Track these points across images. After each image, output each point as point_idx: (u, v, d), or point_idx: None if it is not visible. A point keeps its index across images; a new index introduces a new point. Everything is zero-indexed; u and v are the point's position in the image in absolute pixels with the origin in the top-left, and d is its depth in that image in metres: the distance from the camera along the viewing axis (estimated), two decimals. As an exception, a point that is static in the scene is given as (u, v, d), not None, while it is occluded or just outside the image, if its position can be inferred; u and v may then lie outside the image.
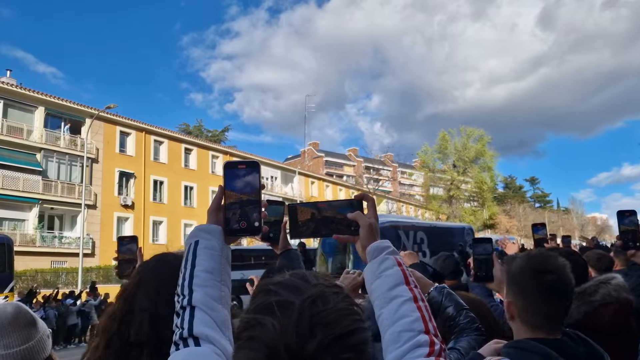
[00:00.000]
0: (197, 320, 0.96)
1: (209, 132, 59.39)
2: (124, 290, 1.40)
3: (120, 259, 2.16)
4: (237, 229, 1.11)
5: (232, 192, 1.12)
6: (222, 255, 1.08)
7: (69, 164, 31.01)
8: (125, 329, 1.31)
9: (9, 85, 28.93)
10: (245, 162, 1.14)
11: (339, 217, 1.23)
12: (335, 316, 0.77)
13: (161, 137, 37.08)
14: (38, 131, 29.81)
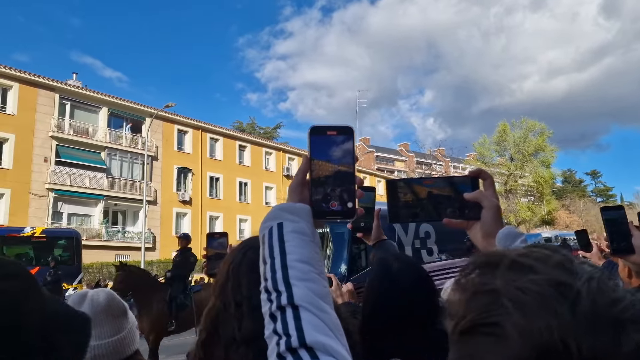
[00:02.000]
0: (306, 325, 0.74)
1: (262, 129, 60.22)
2: (216, 285, 1.30)
3: (211, 254, 2.04)
4: (326, 210, 0.89)
5: (320, 164, 0.89)
6: (315, 242, 0.87)
7: (131, 161, 32.26)
8: (227, 326, 1.22)
9: (75, 88, 30.42)
10: (336, 126, 0.90)
11: (451, 196, 1.03)
12: None
13: (216, 135, 37.94)
14: (102, 131, 31.20)
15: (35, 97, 28.11)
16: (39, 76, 28.49)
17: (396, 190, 1.04)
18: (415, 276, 1.55)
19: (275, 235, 0.85)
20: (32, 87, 28.07)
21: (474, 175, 1.04)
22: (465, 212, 1.02)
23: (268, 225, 0.88)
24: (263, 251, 0.86)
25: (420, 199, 1.04)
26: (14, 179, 26.37)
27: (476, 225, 1.02)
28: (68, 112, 29.72)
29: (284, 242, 0.84)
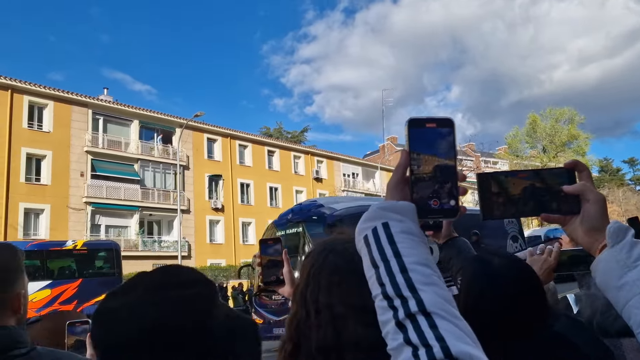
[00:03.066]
0: (446, 334, 0.67)
1: (289, 133, 60.50)
2: (296, 291, 1.23)
3: (265, 262, 1.92)
4: (428, 208, 0.82)
5: (420, 159, 0.83)
6: (425, 243, 0.81)
7: (163, 172, 32.82)
8: (308, 335, 1.14)
9: (107, 102, 31.16)
10: (435, 118, 0.85)
11: (548, 189, 0.95)
12: None
13: (245, 142, 38.29)
14: (134, 143, 31.84)
15: (69, 114, 28.90)
16: (72, 93, 29.29)
17: (489, 184, 0.96)
18: (522, 273, 1.35)
19: (383, 236, 0.79)
20: (66, 104, 28.87)
21: (571, 167, 0.96)
22: (562, 206, 0.94)
23: (370, 226, 0.82)
24: (370, 253, 0.79)
25: (515, 193, 0.95)
26: (53, 194, 27.14)
27: (574, 220, 0.94)
28: (101, 126, 30.45)
29: (395, 244, 0.78)
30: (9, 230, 25.18)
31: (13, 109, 26.57)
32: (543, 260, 1.73)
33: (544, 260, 1.72)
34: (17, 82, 26.95)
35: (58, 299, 16.57)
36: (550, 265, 1.71)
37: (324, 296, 1.11)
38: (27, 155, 26.75)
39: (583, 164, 0.98)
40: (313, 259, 1.20)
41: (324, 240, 1.26)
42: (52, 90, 28.36)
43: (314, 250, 1.24)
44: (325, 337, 1.07)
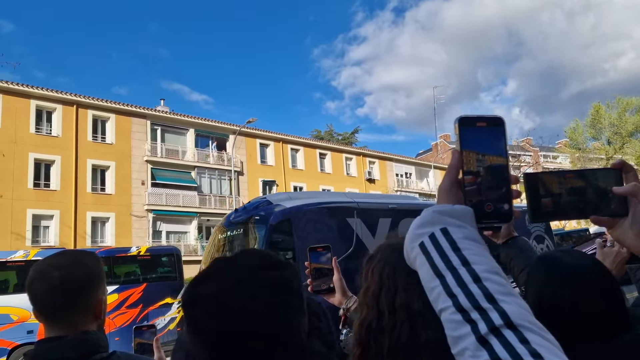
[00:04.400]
0: (540, 349, 0.61)
1: (339, 135, 60.56)
2: (367, 293, 1.21)
3: (314, 270, 1.88)
4: (482, 212, 0.78)
5: (472, 160, 0.79)
6: (487, 249, 0.75)
7: (219, 178, 33.67)
8: (379, 338, 1.13)
9: (164, 113, 32.36)
10: (486, 117, 0.81)
11: (597, 190, 0.90)
12: None
13: (297, 145, 38.67)
14: (190, 151, 32.87)
15: (129, 126, 30.22)
16: (131, 105, 30.61)
17: (537, 185, 0.91)
18: (596, 270, 1.24)
19: (444, 243, 0.74)
20: (126, 117, 30.21)
21: (618, 167, 0.91)
22: (611, 208, 0.89)
23: (426, 232, 0.77)
24: (432, 262, 0.74)
25: (563, 194, 0.91)
26: (117, 202, 28.43)
27: (622, 222, 0.89)
28: (159, 136, 31.65)
29: (459, 251, 0.72)
30: (78, 239, 26.58)
31: (79, 123, 28.08)
32: (616, 252, 1.62)
33: (617, 252, 1.61)
34: (81, 98, 28.46)
35: (125, 302, 17.27)
36: (624, 257, 1.60)
37: (401, 296, 1.09)
38: (92, 167, 28.19)
39: (630, 165, 0.93)
40: (384, 260, 1.18)
41: (388, 242, 1.24)
42: (113, 103, 29.77)
43: (381, 251, 1.22)
44: (401, 336, 1.05)
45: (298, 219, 8.73)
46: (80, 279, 1.33)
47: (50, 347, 1.27)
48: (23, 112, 26.32)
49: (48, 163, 26.86)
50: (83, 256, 1.39)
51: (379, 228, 9.48)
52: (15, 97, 26.18)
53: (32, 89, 26.92)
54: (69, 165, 27.19)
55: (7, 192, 24.83)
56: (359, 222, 9.29)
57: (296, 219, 8.72)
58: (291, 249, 8.71)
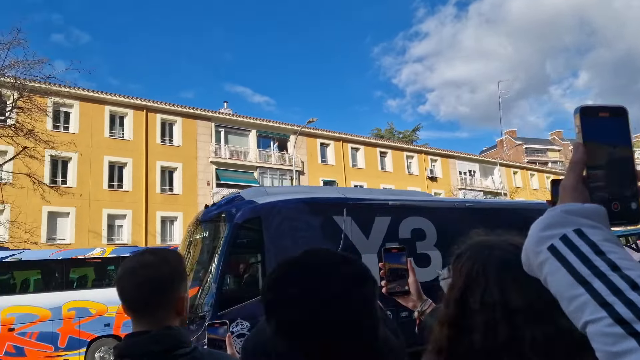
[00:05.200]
0: None
1: (400, 133, 59.87)
2: (451, 291, 1.17)
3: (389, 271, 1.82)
4: (610, 212, 0.71)
5: (596, 154, 0.73)
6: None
7: (280, 178, 34.21)
8: (462, 339, 1.09)
9: (227, 115, 33.30)
10: (608, 106, 0.75)
11: None
12: None
13: (357, 144, 38.60)
14: (253, 152, 33.61)
15: (195, 128, 31.32)
16: (196, 109, 31.71)
17: None
18: None
19: (583, 246, 0.67)
20: (192, 120, 31.33)
21: None
22: None
23: (556, 234, 0.70)
24: (570, 267, 0.67)
25: None
26: (184, 202, 29.53)
27: None
28: (223, 138, 32.59)
29: (604, 254, 0.65)
30: (149, 237, 27.86)
31: (148, 127, 29.44)
32: None
33: None
34: (150, 102, 29.82)
35: (193, 299, 17.97)
36: None
37: (494, 293, 1.04)
38: (161, 168, 29.45)
39: None
40: (473, 258, 1.14)
41: (477, 240, 1.20)
42: (179, 107, 30.97)
43: (469, 249, 1.18)
44: (498, 335, 1.01)
45: (270, 216, 7.84)
46: (164, 277, 1.39)
47: (137, 341, 1.35)
48: (98, 118, 27.91)
49: (121, 165, 28.33)
50: (167, 255, 1.46)
51: (375, 227, 8.51)
52: (91, 103, 27.79)
53: (105, 96, 28.48)
54: (139, 167, 28.55)
55: (85, 192, 26.41)
56: (349, 221, 8.32)
57: (268, 216, 7.84)
58: (259, 249, 7.76)
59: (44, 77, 16.72)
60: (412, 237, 8.69)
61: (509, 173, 47.98)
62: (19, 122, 16.94)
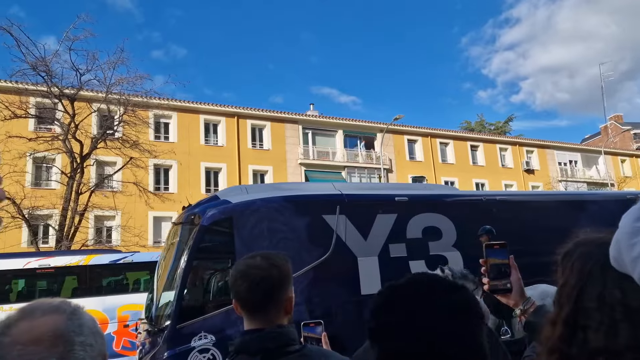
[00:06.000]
0: None
1: (491, 125, 57.44)
2: (563, 290, 1.13)
3: (490, 268, 1.73)
4: None
5: None
6: None
7: (368, 176, 34.16)
8: (582, 334, 1.04)
9: (313, 117, 33.86)
10: None
11: None
12: None
13: (446, 139, 37.59)
14: (340, 152, 33.88)
15: (283, 131, 32.18)
16: (284, 112, 32.59)
17: None
18: None
19: None
20: (280, 123, 32.23)
21: None
22: None
23: None
24: None
25: None
26: (276, 204, 30.40)
27: None
28: (310, 139, 33.20)
29: None
30: (244, 238, 28.97)
31: (239, 133, 30.69)
32: None
33: None
34: (240, 109, 31.09)
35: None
36: None
37: (617, 292, 1.00)
38: (253, 172, 30.58)
39: None
40: (586, 255, 1.10)
41: (588, 238, 1.16)
42: (268, 112, 32.00)
43: (580, 246, 1.14)
44: (617, 336, 0.97)
45: (244, 217, 7.04)
46: (274, 279, 1.49)
47: (253, 338, 1.45)
48: (194, 126, 29.56)
49: (216, 170, 29.78)
50: (276, 258, 1.56)
51: (376, 226, 7.56)
52: (187, 113, 29.50)
53: (200, 105, 30.10)
54: (233, 171, 29.83)
55: (184, 198, 28.04)
56: (344, 220, 7.37)
57: (241, 217, 7.02)
58: (230, 255, 6.98)
59: (145, 92, 18.03)
60: (423, 236, 7.72)
61: (616, 162, 44.26)
62: (125, 135, 18.36)
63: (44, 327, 0.82)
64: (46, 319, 0.84)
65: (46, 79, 16.58)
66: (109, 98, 17.55)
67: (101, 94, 17.76)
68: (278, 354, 1.42)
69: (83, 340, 0.83)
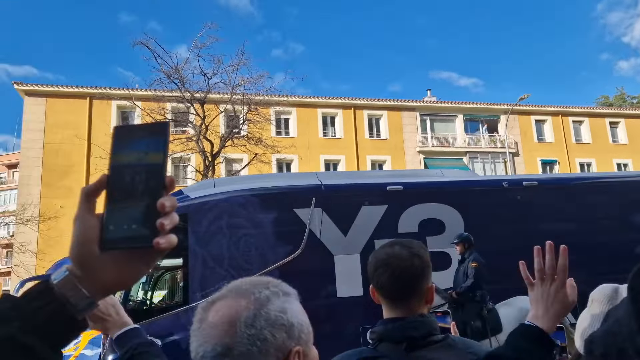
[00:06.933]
0: None
1: (634, 98, 51.38)
2: None
3: None
4: None
5: None
6: None
7: (492, 161, 32.46)
8: None
9: (431, 103, 32.95)
10: None
11: None
12: None
13: (580, 117, 34.38)
14: (460, 137, 32.60)
15: (400, 120, 31.75)
16: (400, 100, 32.13)
17: None
18: None
19: None
20: (397, 112, 31.83)
21: None
22: None
23: None
24: None
25: None
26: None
27: None
28: (429, 126, 32.37)
29: None
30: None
31: (357, 124, 30.87)
32: None
33: None
34: (356, 100, 31.25)
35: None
36: None
37: None
38: (371, 162, 30.62)
39: None
40: None
41: None
42: (384, 101, 31.79)
43: None
44: None
45: (200, 214, 6.55)
46: (416, 269, 1.48)
47: (396, 327, 1.45)
48: (312, 120, 30.34)
49: (335, 162, 30.30)
50: (417, 247, 1.53)
51: (359, 220, 6.76)
52: (306, 108, 30.34)
53: (317, 99, 30.78)
54: (351, 162, 30.13)
55: (307, 190, 28.97)
56: (319, 213, 6.63)
57: (197, 214, 6.54)
58: (182, 253, 6.46)
59: (266, 90, 18.87)
60: (420, 230, 6.84)
61: None
62: (250, 133, 19.40)
63: (221, 312, 0.79)
64: (229, 304, 0.80)
65: (179, 86, 18.06)
66: (234, 99, 18.62)
67: (227, 96, 18.90)
68: (422, 342, 1.41)
69: (254, 333, 0.77)
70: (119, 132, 0.65)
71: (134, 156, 0.63)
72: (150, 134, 0.63)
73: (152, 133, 0.63)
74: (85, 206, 0.62)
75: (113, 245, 0.61)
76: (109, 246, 0.61)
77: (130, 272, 0.64)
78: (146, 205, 0.62)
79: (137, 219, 0.61)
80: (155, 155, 0.62)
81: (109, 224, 0.62)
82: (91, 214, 0.62)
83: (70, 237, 0.63)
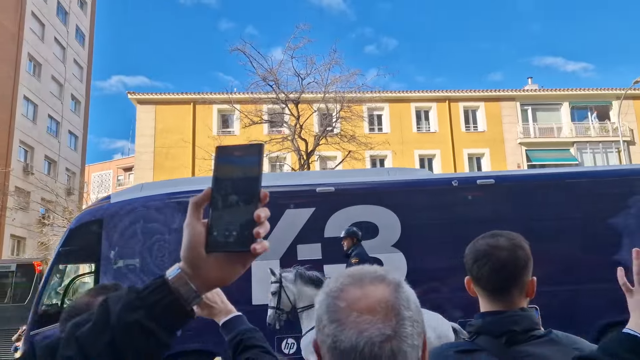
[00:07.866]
0: None
1: None
2: None
3: None
4: None
5: None
6: None
7: (604, 151, 29.98)
8: None
9: (532, 92, 31.10)
10: None
11: None
12: None
13: None
14: (567, 126, 30.46)
15: (499, 111, 30.31)
16: (498, 90, 30.68)
17: None
18: None
19: None
20: (495, 102, 30.42)
21: None
22: None
23: None
24: None
25: None
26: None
27: None
28: (530, 116, 30.59)
29: None
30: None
31: (452, 117, 29.97)
32: None
33: None
34: (451, 93, 30.34)
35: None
36: None
37: None
38: (468, 156, 29.59)
39: None
40: None
41: None
42: (480, 92, 30.52)
43: None
44: None
45: (115, 219, 6.53)
46: (519, 261, 1.44)
47: (496, 320, 1.42)
48: (405, 115, 29.92)
49: (430, 157, 29.67)
50: (519, 239, 1.49)
51: (282, 224, 6.49)
52: (398, 103, 29.98)
53: (410, 94, 30.32)
54: (447, 157, 29.32)
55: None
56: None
57: (112, 220, 6.53)
58: (93, 259, 6.39)
59: (358, 87, 18.95)
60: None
61: None
62: (343, 130, 19.59)
63: (374, 296, 0.78)
64: (375, 288, 0.80)
65: (274, 87, 18.69)
66: (327, 97, 18.91)
67: (319, 95, 19.24)
68: (523, 337, 1.37)
69: (411, 315, 0.78)
70: (221, 151, 0.75)
71: (234, 172, 0.73)
72: (247, 153, 0.73)
73: (248, 152, 0.73)
74: (194, 214, 0.74)
75: (216, 249, 0.72)
76: (213, 249, 0.72)
77: (230, 271, 0.75)
78: (244, 214, 0.72)
79: (237, 226, 0.72)
80: (251, 171, 0.73)
81: (213, 230, 0.73)
82: (199, 221, 0.74)
83: (182, 240, 0.75)
